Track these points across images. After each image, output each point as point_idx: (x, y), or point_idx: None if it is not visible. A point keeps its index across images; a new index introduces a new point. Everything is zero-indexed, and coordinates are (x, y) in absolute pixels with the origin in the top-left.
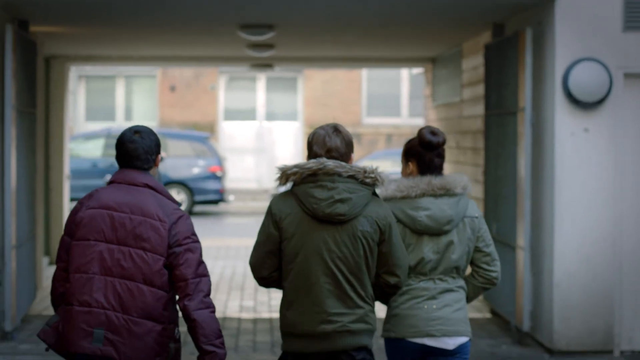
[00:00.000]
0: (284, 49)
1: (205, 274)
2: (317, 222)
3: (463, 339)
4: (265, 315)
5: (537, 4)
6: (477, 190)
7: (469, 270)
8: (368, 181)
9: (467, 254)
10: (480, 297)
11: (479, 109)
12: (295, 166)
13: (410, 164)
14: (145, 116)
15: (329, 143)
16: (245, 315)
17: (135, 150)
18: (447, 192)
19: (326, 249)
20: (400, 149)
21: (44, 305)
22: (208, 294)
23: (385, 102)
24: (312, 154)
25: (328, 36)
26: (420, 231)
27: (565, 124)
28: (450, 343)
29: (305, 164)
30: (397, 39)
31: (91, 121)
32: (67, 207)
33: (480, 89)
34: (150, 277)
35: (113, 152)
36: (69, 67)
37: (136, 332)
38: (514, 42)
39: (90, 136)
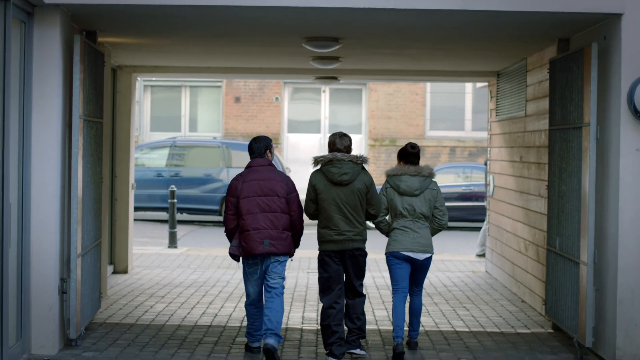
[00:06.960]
0: (348, 61)
1: (301, 208)
2: (334, 185)
3: (428, 254)
4: None
5: (602, 18)
6: (541, 206)
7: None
8: (359, 162)
9: (429, 208)
10: (543, 312)
11: (544, 124)
12: (322, 156)
13: (402, 161)
14: (209, 127)
15: (344, 142)
16: (307, 326)
17: (254, 148)
18: (418, 174)
19: (338, 198)
20: (463, 163)
21: (108, 313)
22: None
23: (449, 116)
24: (332, 149)
25: (392, 49)
26: (402, 193)
27: (630, 140)
28: (422, 256)
29: (326, 155)
30: (461, 53)
31: (156, 131)
32: (132, 216)
33: (544, 104)
34: (283, 209)
35: (177, 162)
36: (136, 77)
37: (283, 237)
38: (579, 57)
39: (155, 146)
